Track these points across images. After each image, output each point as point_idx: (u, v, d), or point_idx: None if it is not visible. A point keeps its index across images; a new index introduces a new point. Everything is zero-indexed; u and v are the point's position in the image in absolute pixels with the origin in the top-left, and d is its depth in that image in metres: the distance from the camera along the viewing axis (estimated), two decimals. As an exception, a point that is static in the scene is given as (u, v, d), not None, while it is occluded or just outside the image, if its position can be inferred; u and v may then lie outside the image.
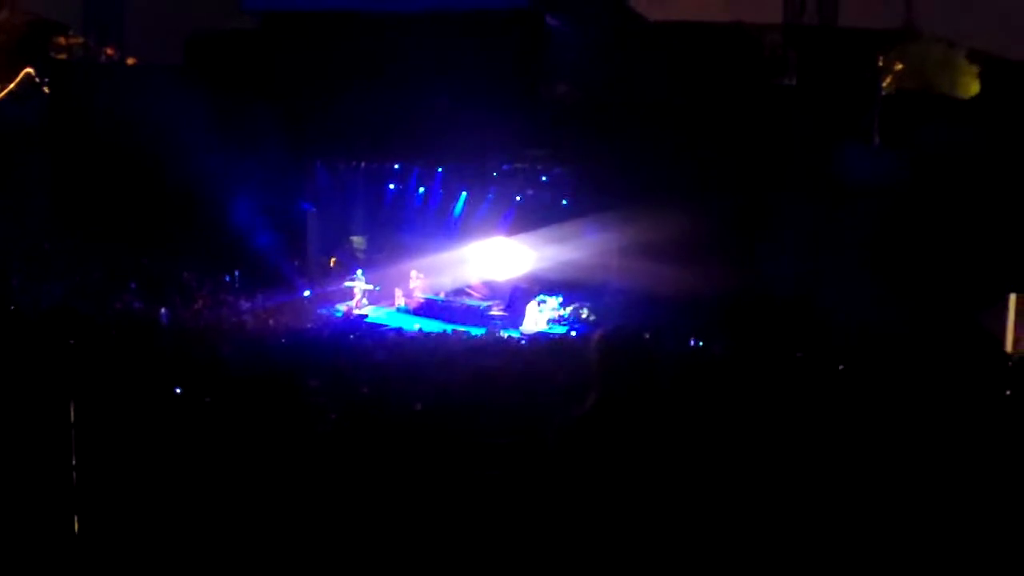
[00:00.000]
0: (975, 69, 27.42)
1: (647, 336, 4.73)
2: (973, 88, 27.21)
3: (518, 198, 27.06)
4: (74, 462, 6.72)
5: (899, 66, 26.02)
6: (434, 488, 6.95)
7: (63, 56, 29.74)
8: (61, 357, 13.51)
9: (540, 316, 25.35)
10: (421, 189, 28.46)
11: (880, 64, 25.41)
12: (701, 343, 20.36)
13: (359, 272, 27.37)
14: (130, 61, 29.58)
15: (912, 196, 22.36)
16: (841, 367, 13.74)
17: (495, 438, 7.40)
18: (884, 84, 24.87)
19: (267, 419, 9.47)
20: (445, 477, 7.02)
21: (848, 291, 22.03)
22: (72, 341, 15.85)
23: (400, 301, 27.41)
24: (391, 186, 28.75)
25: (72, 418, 6.82)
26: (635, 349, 4.56)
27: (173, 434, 8.33)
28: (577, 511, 4.37)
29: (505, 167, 26.72)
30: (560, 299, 25.79)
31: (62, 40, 29.94)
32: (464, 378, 10.95)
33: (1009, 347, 21.00)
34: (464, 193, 27.90)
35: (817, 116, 23.29)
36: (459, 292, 27.66)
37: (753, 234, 23.56)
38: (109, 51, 28.60)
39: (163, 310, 22.26)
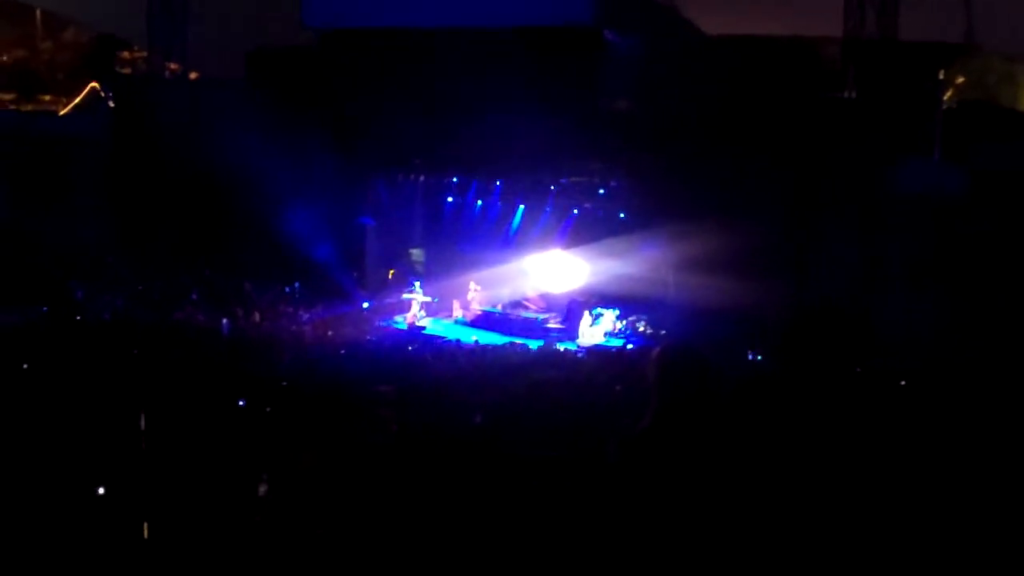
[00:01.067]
0: (1036, 83, 27.20)
1: (706, 351, 4.76)
2: (1035, 102, 26.99)
3: (575, 211, 27.06)
4: (143, 469, 6.86)
5: (960, 80, 25.86)
6: (494, 501, 7.00)
7: (127, 71, 30.19)
8: (126, 366, 13.76)
9: (596, 329, 25.33)
10: (479, 202, 28.54)
11: (941, 78, 25.24)
12: (759, 357, 20.31)
13: (417, 284, 27.49)
14: (193, 76, 29.99)
15: (972, 210, 22.15)
16: (903, 383, 13.66)
17: (553, 451, 7.45)
18: (945, 98, 24.70)
19: (327, 430, 9.58)
20: (505, 490, 7.07)
21: (906, 306, 21.86)
22: (136, 351, 16.13)
23: (458, 313, 27.48)
24: (449, 199, 28.85)
25: (142, 426, 6.96)
26: (695, 364, 4.60)
27: (236, 443, 8.46)
28: (636, 525, 4.41)
29: (563, 180, 26.73)
30: (617, 312, 25.77)
31: (126, 55, 30.45)
32: (522, 390, 11.02)
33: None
34: (522, 206, 27.92)
35: (876, 130, 23.12)
36: (516, 304, 27.67)
37: (810, 248, 23.44)
38: (172, 66, 28.99)
39: (224, 320, 22.51)
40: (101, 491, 6.78)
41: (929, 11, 26.43)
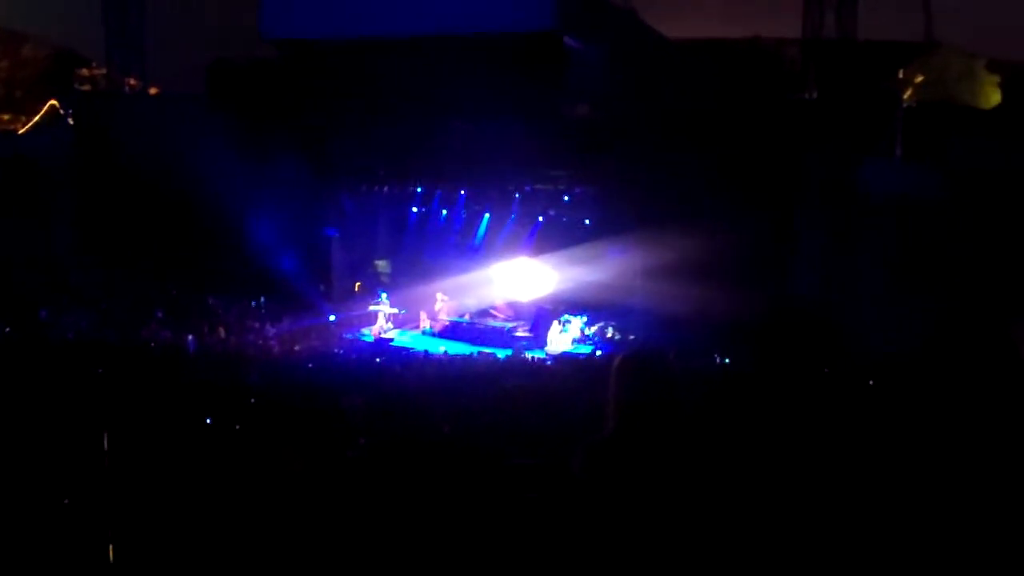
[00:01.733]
0: (996, 79, 27.40)
1: (670, 355, 4.73)
2: (994, 98, 27.19)
3: (541, 218, 27.07)
4: (108, 491, 6.77)
5: (920, 78, 26.02)
6: (463, 510, 6.97)
7: (87, 87, 30.00)
8: (90, 386, 13.62)
9: (564, 336, 25.34)
10: (444, 211, 28.51)
11: (900, 76, 25.40)
12: (727, 360, 20.33)
13: (383, 295, 27.44)
14: (153, 91, 29.82)
15: (936, 208, 22.27)
16: (871, 382, 13.70)
17: (524, 459, 7.42)
18: (905, 96, 24.84)
19: (296, 444, 9.51)
20: (473, 499, 7.03)
21: (874, 306, 21.95)
22: (101, 370, 15.98)
23: (425, 324, 27.43)
24: (414, 209, 28.80)
25: (105, 446, 6.86)
26: (656, 370, 4.56)
27: (203, 461, 8.37)
28: (604, 531, 4.38)
29: (527, 188, 26.74)
30: (585, 319, 25.80)
31: (85, 71, 30.26)
32: (491, 399, 10.98)
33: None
34: (487, 214, 27.92)
35: (838, 130, 23.23)
36: (483, 314, 27.66)
37: (777, 250, 23.51)
38: (132, 81, 28.82)
39: (190, 337, 22.38)
40: (66, 512, 6.70)
41: (887, 11, 26.58)
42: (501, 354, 23.17)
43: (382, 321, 26.80)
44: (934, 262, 21.85)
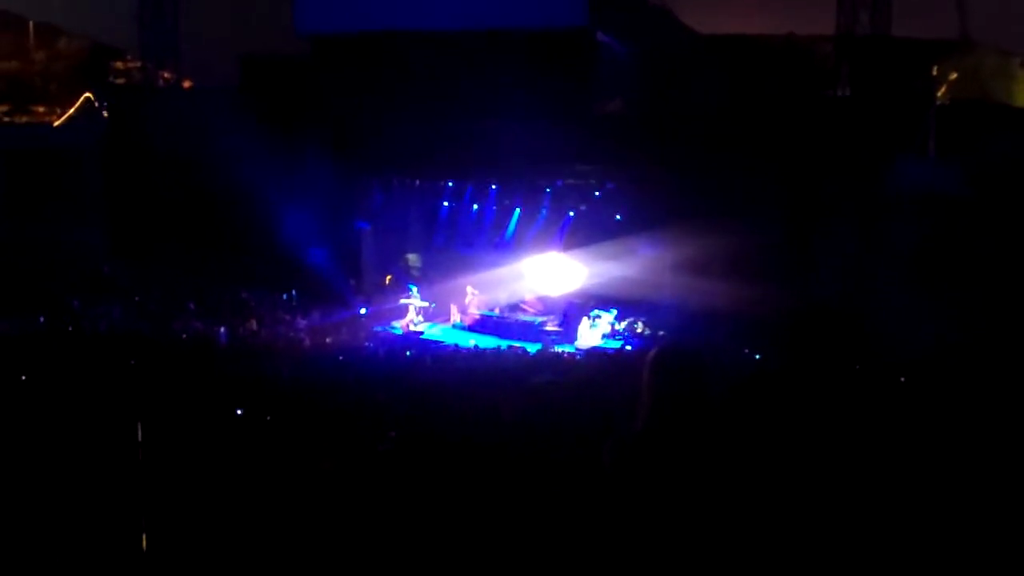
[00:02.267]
0: (1031, 77, 27.23)
1: (703, 349, 4.74)
2: (1029, 96, 27.02)
3: (571, 214, 27.08)
4: (141, 480, 6.83)
5: (953, 76, 25.86)
6: (493, 504, 6.99)
7: (121, 80, 30.17)
8: (123, 377, 13.73)
9: (594, 331, 25.33)
10: (475, 206, 28.54)
11: (934, 74, 25.24)
12: (757, 356, 20.29)
13: (414, 289, 27.49)
14: (186, 84, 29.97)
15: (968, 206, 22.15)
16: (902, 379, 13.65)
17: (554, 454, 7.44)
18: (939, 94, 24.71)
19: (327, 437, 9.56)
20: (504, 493, 7.06)
21: (905, 303, 21.85)
22: (133, 361, 16.11)
23: (455, 317, 27.46)
24: (445, 203, 28.86)
25: (139, 437, 6.93)
26: (689, 364, 4.57)
27: (236, 452, 8.43)
28: (634, 525, 4.39)
29: (559, 183, 26.76)
30: (615, 314, 25.78)
31: (120, 65, 30.42)
32: (521, 394, 11.00)
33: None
34: (518, 209, 27.94)
35: (871, 127, 23.13)
36: (514, 308, 27.67)
37: (808, 247, 23.44)
38: (166, 75, 28.97)
39: (222, 329, 22.50)
40: (100, 502, 6.76)
41: (921, 8, 26.43)
42: (531, 348, 23.20)
43: (412, 314, 26.85)
44: (963, 258, 21.74)
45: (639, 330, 25.38)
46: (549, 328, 26.10)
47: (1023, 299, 20.96)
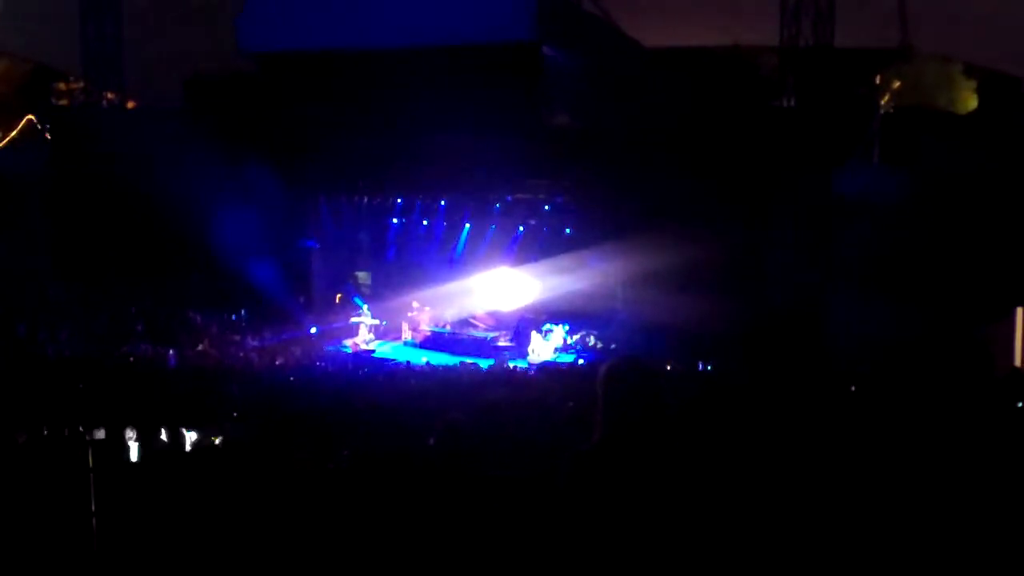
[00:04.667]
0: (972, 84, 27.56)
1: (653, 363, 4.73)
2: (971, 103, 27.34)
3: (521, 228, 27.12)
4: (93, 508, 6.72)
5: (896, 84, 26.13)
6: (448, 523, 6.94)
7: (64, 102, 29.88)
8: (71, 401, 13.56)
9: (547, 345, 25.35)
10: (424, 222, 28.53)
11: (877, 83, 25.49)
12: (708, 367, 20.36)
13: (365, 307, 27.41)
14: (130, 105, 29.72)
15: (915, 213, 22.36)
16: (852, 388, 13.71)
17: (509, 471, 7.39)
18: (882, 102, 24.95)
19: (279, 458, 9.47)
20: (459, 512, 7.01)
21: (854, 311, 22.00)
22: (81, 386, 15.91)
23: (407, 335, 27.41)
24: (394, 220, 28.82)
25: (90, 463, 6.82)
26: (643, 378, 4.55)
27: (186, 476, 8.32)
28: (590, 542, 4.36)
29: (508, 197, 26.79)
30: (567, 327, 25.82)
31: (62, 86, 30.14)
32: (474, 411, 10.93)
33: (1018, 361, 20.93)
34: (468, 225, 27.96)
35: (817, 137, 23.31)
36: (465, 324, 27.65)
37: (757, 257, 23.56)
38: (109, 95, 28.72)
39: (171, 351, 22.31)
40: (48, 531, 6.65)
41: (863, 17, 26.69)
42: (484, 364, 23.16)
43: (363, 332, 26.76)
44: (908, 265, 21.93)
45: (591, 344, 25.44)
46: (501, 343, 26.10)
47: (964, 303, 21.15)
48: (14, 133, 30.34)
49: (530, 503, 6.32)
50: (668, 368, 18.80)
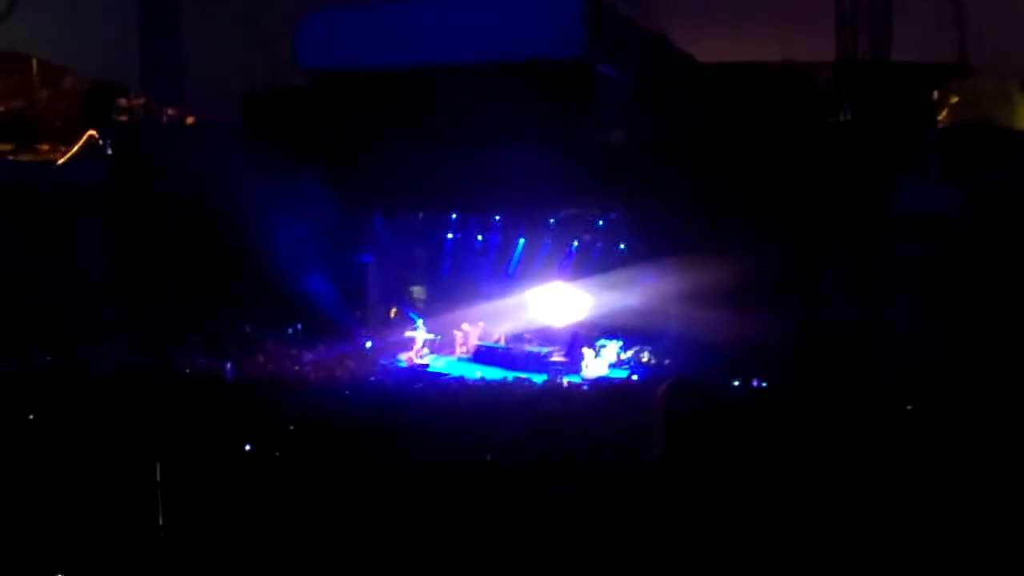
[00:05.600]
0: (1031, 100, 27.28)
1: (713, 382, 4.77)
2: (1030, 119, 27.07)
3: (575, 244, 27.16)
4: (160, 521, 6.84)
5: (954, 99, 25.92)
6: (504, 539, 6.98)
7: (125, 117, 30.27)
8: (130, 416, 13.73)
9: (600, 361, 25.34)
10: (479, 238, 28.64)
11: (935, 98, 25.29)
12: (763, 385, 20.27)
13: (419, 321, 27.54)
14: (190, 120, 30.06)
15: (971, 228, 22.17)
16: (908, 407, 13.63)
17: (566, 487, 7.42)
18: (939, 118, 24.76)
19: (335, 472, 9.56)
20: (515, 528, 7.05)
21: (909, 327, 21.84)
22: (139, 400, 16.10)
23: (460, 349, 27.50)
24: (449, 236, 28.96)
25: (158, 477, 6.94)
26: (703, 397, 4.59)
27: (245, 489, 8.43)
28: (655, 557, 4.40)
29: (562, 213, 26.85)
30: (620, 343, 25.81)
31: (123, 102, 30.50)
32: (530, 426, 10.98)
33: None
34: (521, 240, 28.05)
35: (873, 152, 23.16)
36: (519, 339, 27.70)
37: (812, 272, 23.43)
38: (169, 111, 29.08)
39: (228, 365, 22.51)
40: (120, 542, 6.76)
41: (920, 33, 26.51)
42: (537, 379, 23.20)
43: (418, 346, 26.89)
44: (964, 281, 21.74)
45: (645, 359, 25.39)
46: (554, 359, 26.12)
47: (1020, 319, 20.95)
48: (76, 148, 30.78)
49: (586, 519, 6.36)
50: (722, 384, 18.76)
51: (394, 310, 29.10)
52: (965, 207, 22.44)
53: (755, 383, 20.38)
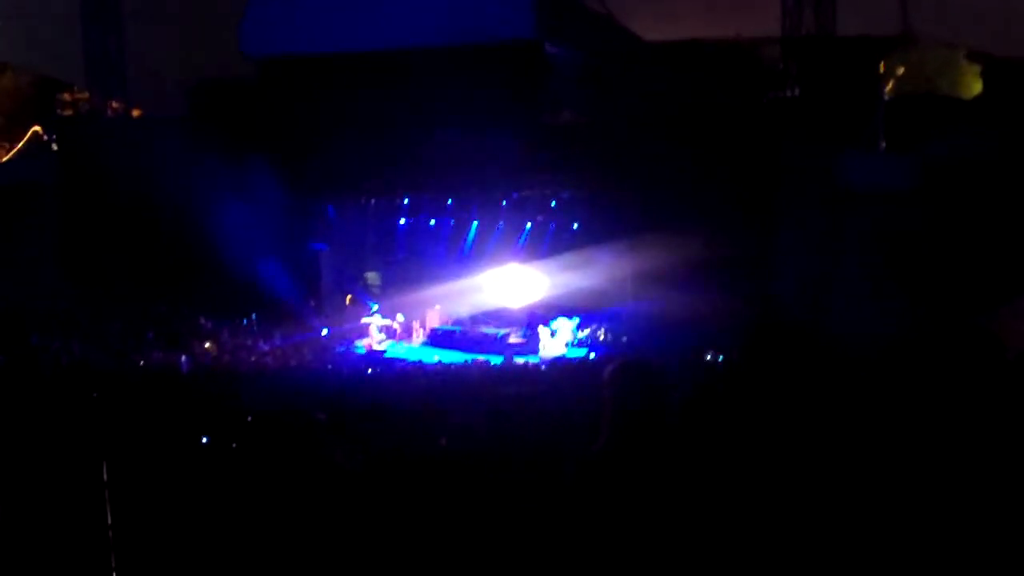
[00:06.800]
0: (976, 69, 27.51)
1: (658, 363, 4.76)
2: (975, 88, 27.31)
3: (529, 225, 27.17)
4: (109, 521, 6.80)
5: (900, 71, 26.11)
6: (462, 523, 7.00)
7: (69, 112, 29.95)
8: (85, 413, 13.61)
9: (557, 340, 25.40)
10: (432, 221, 28.58)
11: (881, 70, 25.48)
12: (720, 358, 20.37)
13: (374, 308, 27.47)
14: (135, 113, 29.80)
15: (921, 200, 22.35)
16: (859, 378, 13.71)
17: (521, 471, 7.46)
18: (886, 90, 24.94)
19: (294, 461, 9.53)
20: (472, 512, 7.07)
21: (854, 300, 22.03)
22: (95, 395, 15.95)
23: (417, 334, 27.46)
24: (401, 220, 28.88)
25: (104, 476, 6.89)
26: (649, 379, 4.58)
27: (203, 483, 8.39)
28: (597, 543, 4.41)
29: (514, 194, 26.85)
30: (577, 322, 25.86)
31: (67, 96, 30.19)
32: (487, 409, 11.00)
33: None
34: (475, 222, 28.02)
35: (820, 126, 23.31)
36: (476, 321, 27.69)
37: (764, 247, 23.58)
38: (114, 105, 28.82)
39: (183, 358, 22.37)
40: (65, 545, 6.72)
41: (866, 5, 26.70)
42: (495, 361, 23.22)
43: (375, 333, 26.81)
44: (915, 253, 21.91)
45: (602, 338, 25.46)
46: (512, 340, 26.14)
47: (971, 291, 21.12)
48: (21, 144, 30.46)
49: (537, 505, 6.39)
50: (676, 361, 18.84)
51: (349, 297, 29.00)
52: (914, 178, 22.61)
53: (708, 357, 20.47)
